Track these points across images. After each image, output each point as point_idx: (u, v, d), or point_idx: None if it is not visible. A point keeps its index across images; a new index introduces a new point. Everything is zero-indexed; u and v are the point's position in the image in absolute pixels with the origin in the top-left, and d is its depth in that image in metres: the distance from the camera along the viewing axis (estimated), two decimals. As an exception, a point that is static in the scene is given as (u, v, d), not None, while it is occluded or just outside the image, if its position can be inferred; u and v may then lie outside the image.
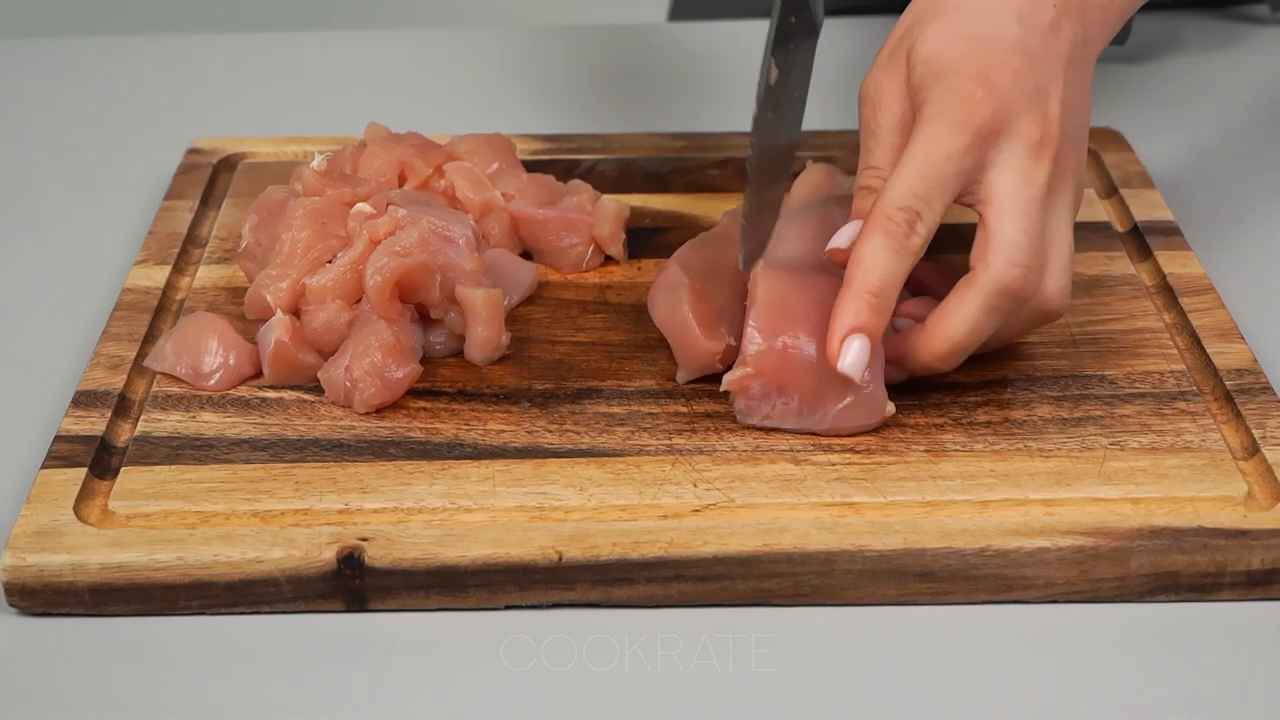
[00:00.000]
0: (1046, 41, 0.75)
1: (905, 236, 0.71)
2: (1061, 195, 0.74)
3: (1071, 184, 0.75)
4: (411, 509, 0.71)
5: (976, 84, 0.73)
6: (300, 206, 0.82)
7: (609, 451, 0.74)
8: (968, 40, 0.74)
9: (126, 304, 0.84)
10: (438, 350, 0.81)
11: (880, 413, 0.74)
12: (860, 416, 0.74)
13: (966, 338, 0.73)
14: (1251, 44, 1.15)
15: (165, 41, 1.22)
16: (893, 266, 0.72)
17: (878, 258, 0.71)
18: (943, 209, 0.72)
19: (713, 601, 0.69)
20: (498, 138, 0.92)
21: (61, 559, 0.68)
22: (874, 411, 0.74)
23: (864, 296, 0.71)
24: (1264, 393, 0.77)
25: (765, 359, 0.74)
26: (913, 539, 0.69)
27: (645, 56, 1.17)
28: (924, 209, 0.72)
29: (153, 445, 0.75)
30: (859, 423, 0.74)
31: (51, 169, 1.03)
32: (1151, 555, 0.69)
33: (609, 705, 0.66)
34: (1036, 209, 0.73)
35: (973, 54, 0.74)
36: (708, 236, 0.84)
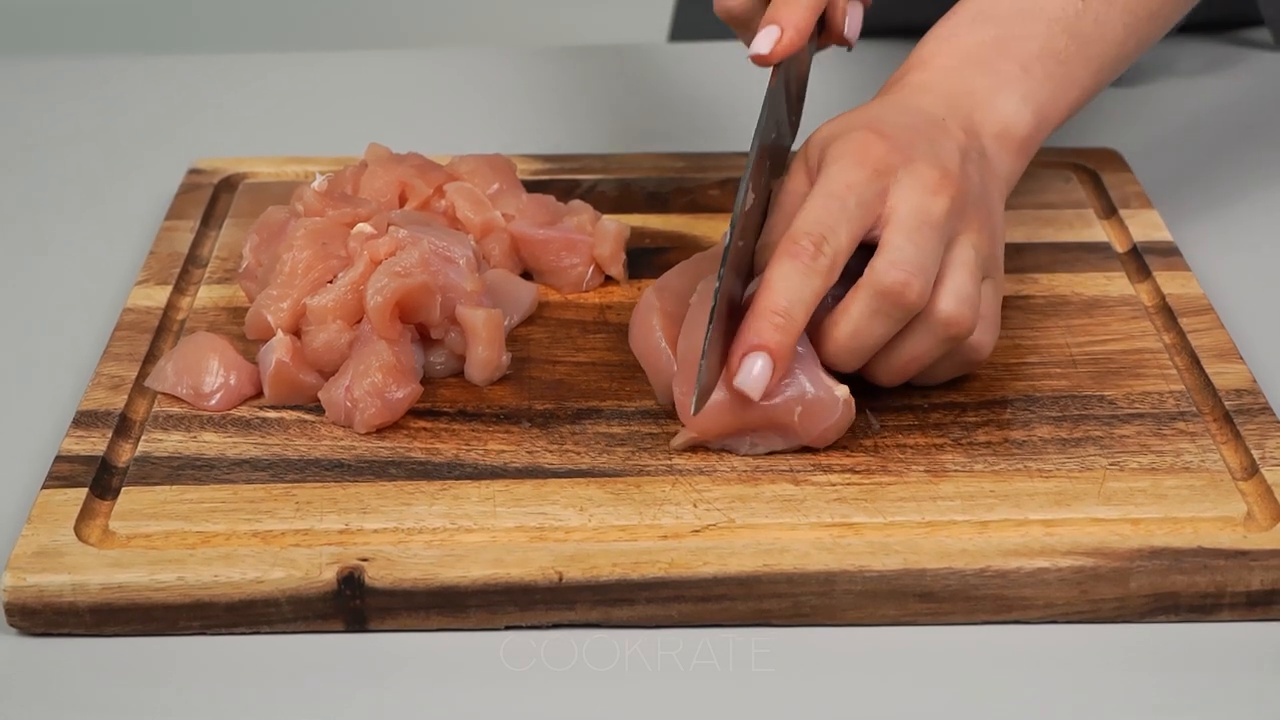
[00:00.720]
0: (935, 129, 0.78)
1: (812, 258, 0.72)
2: (965, 235, 0.76)
3: (977, 236, 0.76)
4: (412, 529, 0.71)
5: (870, 135, 0.76)
6: (301, 227, 0.83)
7: (609, 472, 0.74)
8: (859, 119, 0.78)
9: (128, 324, 0.85)
10: (438, 370, 0.81)
11: (835, 408, 0.74)
12: (820, 420, 0.74)
13: (850, 339, 0.74)
14: (1250, 67, 1.15)
15: (167, 61, 1.23)
16: (799, 287, 0.72)
17: (784, 280, 0.72)
18: (849, 237, 0.73)
19: (713, 622, 0.69)
20: (498, 158, 0.92)
21: (62, 579, 0.68)
22: (829, 409, 0.74)
23: (768, 316, 0.72)
24: (1263, 413, 0.77)
25: (700, 420, 0.74)
26: (913, 559, 0.69)
27: (646, 77, 1.17)
28: (829, 234, 0.73)
29: (153, 465, 0.75)
30: (822, 425, 0.74)
31: (53, 188, 1.03)
32: (1151, 576, 0.69)
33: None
34: (928, 230, 0.74)
35: (865, 122, 0.77)
36: (693, 260, 0.83)
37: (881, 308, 0.73)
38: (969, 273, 0.75)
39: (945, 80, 0.81)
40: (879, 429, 0.77)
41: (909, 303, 0.73)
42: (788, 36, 0.80)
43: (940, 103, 0.80)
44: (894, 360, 0.76)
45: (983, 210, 0.77)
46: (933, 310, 0.74)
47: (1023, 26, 0.82)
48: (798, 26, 0.80)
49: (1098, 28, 0.83)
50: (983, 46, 0.82)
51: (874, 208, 0.74)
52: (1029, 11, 0.83)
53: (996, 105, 0.81)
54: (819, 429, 0.74)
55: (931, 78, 0.82)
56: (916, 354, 0.75)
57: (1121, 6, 0.84)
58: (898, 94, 0.81)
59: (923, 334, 0.75)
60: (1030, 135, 0.82)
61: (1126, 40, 0.84)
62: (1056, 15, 0.83)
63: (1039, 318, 0.85)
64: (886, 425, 0.77)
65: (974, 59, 0.82)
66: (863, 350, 0.74)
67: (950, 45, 0.83)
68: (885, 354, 0.76)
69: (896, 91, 0.82)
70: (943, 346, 0.75)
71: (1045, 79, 0.82)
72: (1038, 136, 0.82)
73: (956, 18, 0.84)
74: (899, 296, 0.72)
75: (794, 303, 0.72)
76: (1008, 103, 0.81)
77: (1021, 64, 0.82)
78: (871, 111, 0.79)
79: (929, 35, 0.84)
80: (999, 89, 0.81)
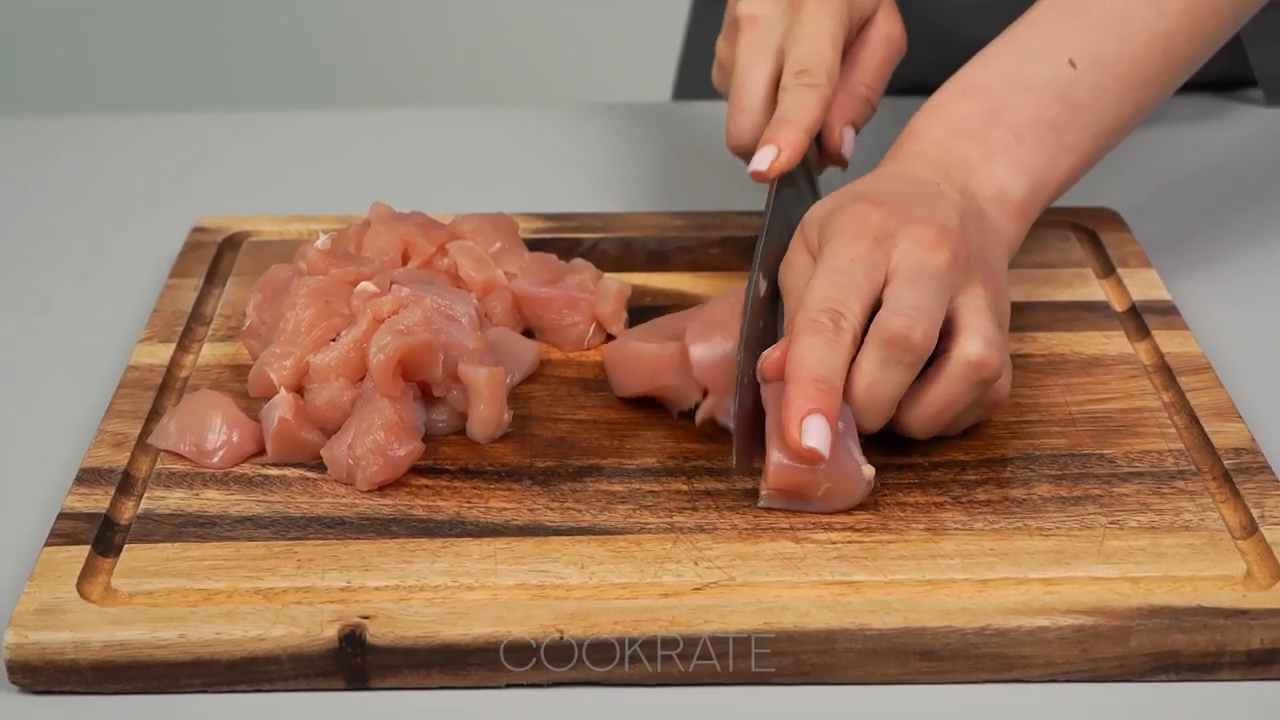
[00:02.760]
0: (931, 193, 0.80)
1: (834, 332, 0.74)
2: (971, 287, 0.77)
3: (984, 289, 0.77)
4: (413, 587, 0.71)
5: (865, 205, 0.78)
6: (304, 285, 0.83)
7: (610, 529, 0.75)
8: (852, 193, 0.80)
9: (131, 381, 0.85)
10: (440, 428, 0.81)
11: (860, 487, 0.75)
12: (844, 498, 0.75)
13: (867, 392, 0.74)
14: (1247, 124, 1.16)
15: (171, 120, 1.23)
16: (829, 357, 0.73)
17: (813, 353, 0.73)
18: (860, 310, 0.75)
19: (714, 680, 0.69)
20: (500, 217, 0.93)
21: (64, 637, 0.68)
22: (856, 487, 0.75)
23: (809, 383, 0.73)
24: (1262, 472, 0.78)
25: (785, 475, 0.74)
26: (913, 618, 0.69)
27: (648, 136, 1.18)
28: (843, 308, 0.74)
29: (156, 523, 0.75)
30: (844, 503, 0.75)
31: (58, 246, 1.04)
32: (1151, 634, 0.69)
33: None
34: (928, 279, 0.75)
35: (859, 196, 0.79)
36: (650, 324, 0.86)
37: (890, 355, 0.74)
38: (987, 317, 0.76)
39: (937, 150, 0.83)
40: (879, 487, 0.77)
41: (915, 345, 0.74)
42: (785, 156, 0.85)
43: (933, 170, 0.82)
44: (926, 409, 0.76)
45: (985, 265, 0.78)
46: (961, 356, 0.75)
47: (1013, 96, 0.84)
48: (793, 146, 0.85)
49: (1092, 95, 0.84)
50: (974, 117, 0.84)
51: (879, 275, 0.76)
52: (1020, 82, 0.84)
53: (990, 172, 0.82)
54: (841, 505, 0.75)
55: (924, 148, 0.83)
56: (949, 400, 0.76)
57: (1116, 75, 0.85)
58: (891, 165, 0.83)
59: (954, 380, 0.76)
60: (1028, 200, 0.83)
61: (1122, 108, 0.86)
62: (1048, 84, 0.84)
63: (1038, 376, 0.85)
64: (887, 483, 0.77)
65: (965, 130, 0.83)
66: (881, 403, 0.75)
67: (941, 117, 0.84)
68: (917, 404, 0.76)
69: (891, 163, 0.84)
70: (974, 390, 0.76)
71: (1039, 146, 0.83)
72: (1036, 201, 0.83)
73: (947, 91, 0.86)
74: (905, 340, 0.73)
75: (828, 370, 0.73)
76: (1001, 169, 0.82)
77: (1014, 132, 0.83)
78: (864, 184, 0.81)
79: (921, 110, 0.86)
80: (991, 156, 0.83)
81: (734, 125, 0.89)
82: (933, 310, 0.74)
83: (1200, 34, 0.87)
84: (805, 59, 0.87)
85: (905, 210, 0.77)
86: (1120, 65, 0.85)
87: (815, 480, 0.74)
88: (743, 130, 0.88)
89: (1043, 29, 0.86)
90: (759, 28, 0.89)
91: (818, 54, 0.87)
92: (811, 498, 0.75)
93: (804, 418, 0.72)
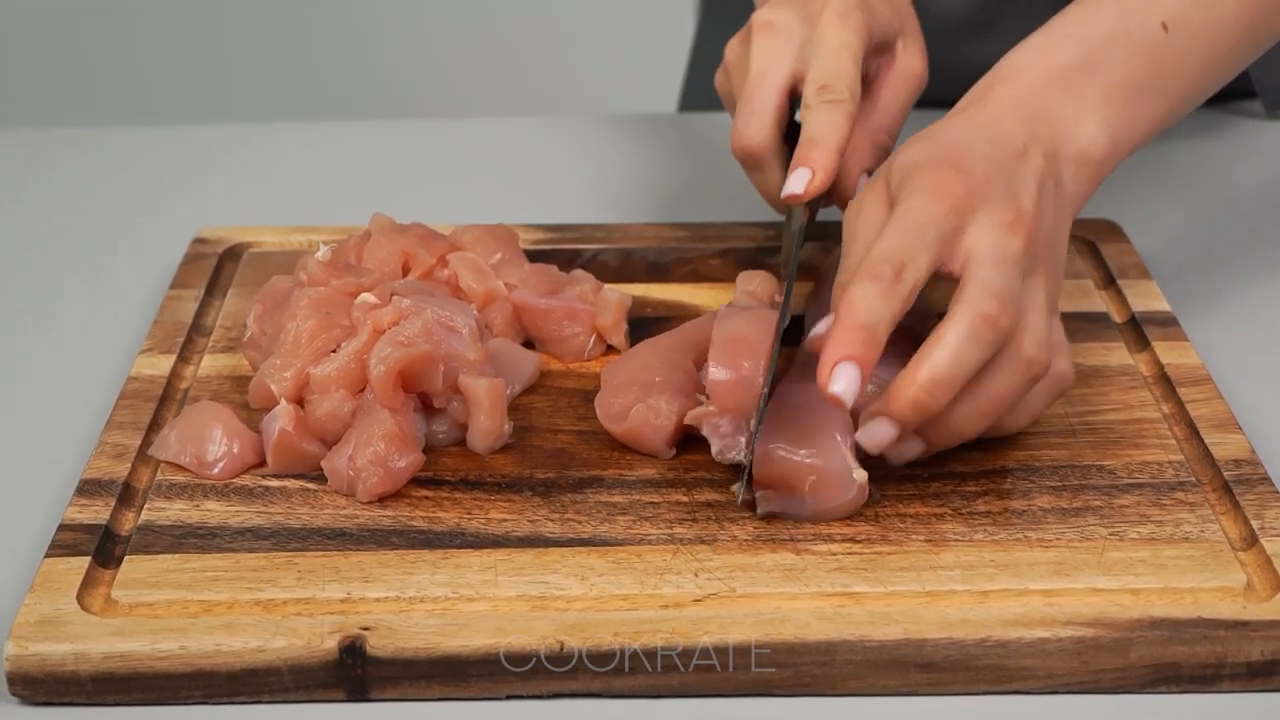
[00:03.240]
0: (1016, 159, 0.79)
1: (892, 283, 0.73)
2: (1035, 276, 0.76)
3: (1046, 278, 0.77)
4: (414, 598, 0.71)
5: (950, 169, 0.76)
6: (305, 296, 0.83)
7: (610, 541, 0.75)
8: (940, 149, 0.78)
9: (131, 392, 0.85)
10: (440, 439, 0.81)
11: (850, 488, 0.75)
12: (831, 495, 0.75)
13: (950, 366, 0.73)
14: (1246, 136, 1.16)
15: (171, 131, 1.23)
16: (879, 307, 0.72)
17: (866, 299, 0.72)
18: (927, 266, 0.74)
19: (714, 691, 0.69)
20: (501, 228, 0.93)
21: (64, 648, 0.68)
22: (844, 486, 0.75)
23: (852, 330, 0.72)
24: (1262, 483, 0.78)
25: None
26: (913, 629, 0.69)
27: (648, 147, 1.18)
28: (909, 261, 0.73)
29: (156, 534, 0.75)
30: (831, 501, 0.75)
31: (58, 257, 1.04)
32: (1151, 646, 0.69)
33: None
34: (1011, 263, 0.75)
35: (945, 155, 0.78)
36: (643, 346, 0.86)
37: (978, 332, 0.73)
38: (1043, 315, 0.76)
39: (1031, 98, 0.82)
40: (879, 498, 0.77)
41: (1003, 327, 0.73)
42: (819, 179, 0.84)
43: (1022, 123, 0.80)
44: (974, 403, 0.75)
45: (1051, 251, 0.78)
46: (1018, 350, 0.75)
47: (1109, 53, 0.83)
48: (826, 169, 0.84)
49: (1177, 62, 0.84)
50: (1070, 68, 0.83)
51: (951, 243, 0.75)
52: (1117, 37, 0.83)
53: (1078, 130, 0.81)
54: (828, 504, 0.75)
55: (1018, 94, 0.82)
56: (1002, 393, 0.76)
57: (1202, 43, 0.85)
58: (982, 110, 0.81)
59: (1009, 372, 0.75)
60: (1104, 161, 0.83)
61: (1201, 78, 0.86)
62: (1140, 45, 0.83)
63: (1038, 387, 0.85)
64: (886, 494, 0.77)
65: (1060, 79, 0.82)
66: (959, 377, 0.73)
67: (1039, 60, 0.83)
68: (971, 395, 0.75)
69: (981, 105, 0.82)
70: (1024, 386, 0.76)
71: (1124, 106, 0.83)
72: (1110, 163, 0.83)
73: (1048, 35, 0.84)
74: (995, 320, 0.73)
75: (877, 320, 0.72)
76: (1088, 127, 0.82)
77: (1104, 90, 0.82)
78: (955, 136, 0.79)
79: (1018, 49, 0.84)
80: (1082, 114, 0.82)
81: (743, 126, 0.88)
82: (1016, 297, 0.74)
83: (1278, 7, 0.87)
84: (826, 74, 0.86)
85: (988, 184, 0.76)
86: (1205, 34, 0.85)
87: (801, 471, 0.74)
88: (751, 132, 0.87)
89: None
90: (777, 34, 0.88)
91: (839, 69, 0.86)
92: (799, 489, 0.74)
93: (837, 363, 0.71)
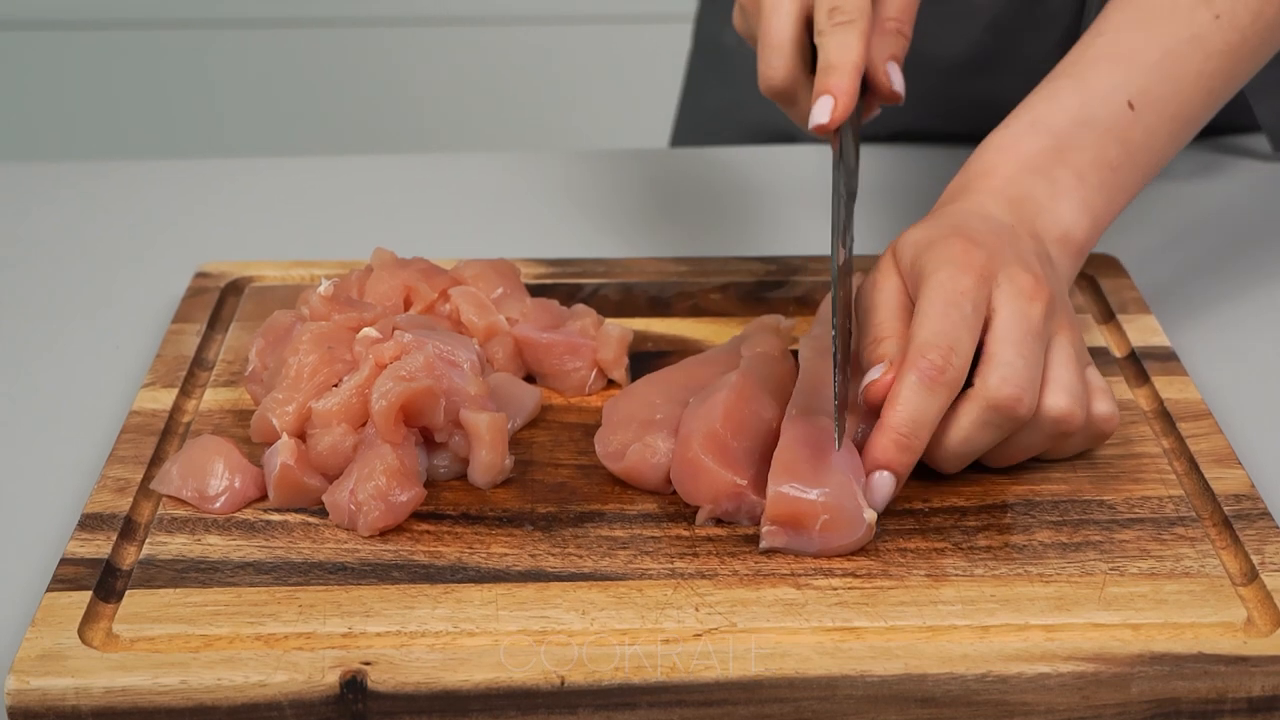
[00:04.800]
0: (1011, 234, 0.82)
1: (940, 372, 0.75)
2: (1059, 335, 0.80)
3: (1069, 333, 0.80)
4: (415, 633, 0.71)
5: (966, 241, 0.80)
6: (307, 331, 0.83)
7: (611, 575, 0.75)
8: (945, 226, 0.82)
9: (133, 426, 0.85)
10: (441, 473, 0.82)
11: (859, 528, 0.75)
12: (840, 535, 0.75)
13: (961, 446, 0.78)
14: (1247, 174, 1.17)
15: (173, 166, 1.24)
16: (925, 406, 0.76)
17: (910, 398, 0.76)
18: (970, 345, 0.77)
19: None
20: (502, 263, 0.93)
21: (65, 683, 0.68)
22: (854, 526, 0.75)
23: (892, 434, 0.76)
24: (1262, 518, 0.78)
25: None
26: (914, 664, 0.69)
27: (648, 182, 1.18)
28: (955, 344, 0.76)
29: (158, 568, 0.75)
30: (839, 540, 0.75)
31: (61, 291, 1.04)
32: (1152, 681, 0.69)
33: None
34: (1033, 339, 0.77)
35: (953, 230, 0.81)
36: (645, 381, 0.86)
37: (992, 420, 0.77)
38: (1072, 369, 0.79)
39: (1010, 187, 0.85)
40: (880, 533, 0.77)
41: (1019, 416, 0.77)
42: (842, 103, 0.84)
43: (1006, 208, 0.84)
44: (1008, 453, 0.80)
45: (1066, 308, 0.81)
46: (1045, 409, 0.78)
47: (1077, 136, 0.86)
48: (848, 92, 0.84)
49: (1146, 137, 0.87)
50: (1041, 154, 0.86)
51: (984, 312, 0.78)
52: (1084, 121, 0.86)
53: (1056, 212, 0.84)
54: (836, 543, 0.75)
55: (996, 184, 0.85)
56: (1029, 446, 0.80)
57: (1167, 116, 0.87)
58: (967, 200, 0.85)
59: (1033, 431, 0.79)
60: (1087, 239, 0.86)
61: (1169, 147, 0.89)
62: (1109, 126, 0.86)
63: (1038, 422, 0.85)
64: (887, 529, 0.77)
65: (1033, 167, 0.85)
66: (969, 457, 0.79)
67: (1011, 153, 0.86)
68: (999, 449, 0.79)
69: (965, 197, 0.85)
70: (1055, 440, 0.79)
71: (1100, 187, 0.86)
72: (1092, 240, 0.86)
73: (1014, 126, 0.87)
74: (1011, 411, 0.76)
75: (919, 423, 0.76)
76: (1065, 209, 0.85)
77: (1077, 172, 0.85)
78: (955, 218, 0.83)
79: (988, 144, 0.87)
80: (1058, 196, 0.85)
81: (766, 65, 0.87)
82: (1037, 378, 0.77)
83: (1236, 74, 0.90)
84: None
85: (1001, 252, 0.80)
86: (1170, 106, 0.88)
87: (814, 511, 0.74)
88: (775, 69, 0.87)
89: (1105, 68, 0.88)
90: None
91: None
92: (810, 530, 0.75)
93: (871, 471, 0.76)
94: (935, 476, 0.80)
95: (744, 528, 0.77)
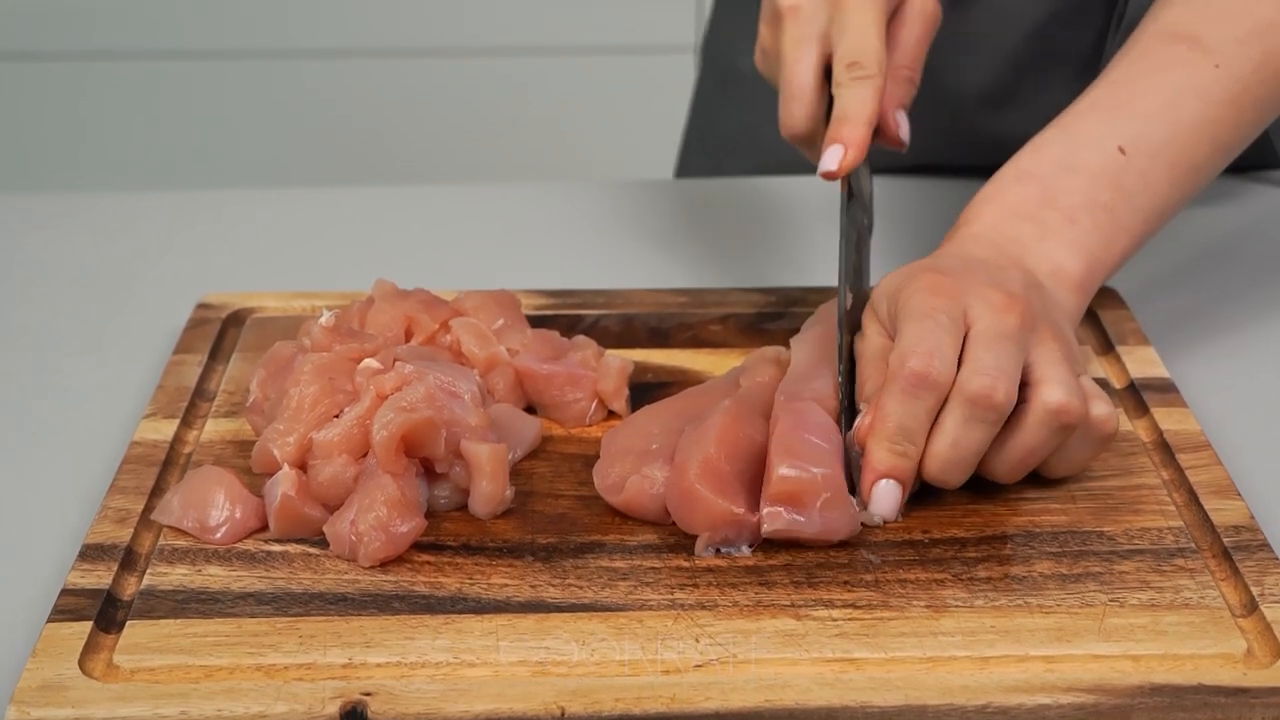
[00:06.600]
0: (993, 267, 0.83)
1: (921, 377, 0.77)
2: (1047, 342, 0.80)
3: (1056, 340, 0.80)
4: (415, 663, 0.71)
5: (935, 274, 0.81)
6: (308, 362, 0.83)
7: (612, 606, 0.75)
8: (918, 267, 0.83)
9: (134, 457, 0.85)
10: (442, 504, 0.82)
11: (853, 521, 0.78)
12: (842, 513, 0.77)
13: (951, 449, 0.78)
14: (1247, 206, 1.17)
15: (174, 197, 1.24)
16: (911, 409, 0.77)
17: (896, 406, 0.77)
18: (952, 352, 0.78)
19: (715, 758, 0.69)
20: (503, 294, 0.93)
21: (66, 713, 0.68)
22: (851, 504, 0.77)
23: (884, 443, 0.77)
24: (1261, 550, 0.78)
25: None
26: (914, 695, 0.69)
27: (649, 213, 1.18)
28: (936, 349, 0.77)
29: (158, 599, 0.75)
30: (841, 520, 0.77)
31: (62, 322, 1.05)
32: (1152, 713, 0.69)
33: None
34: (1004, 339, 0.78)
35: (925, 268, 0.83)
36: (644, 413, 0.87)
37: (973, 414, 0.77)
38: (1064, 366, 0.79)
39: (992, 232, 0.86)
40: (879, 563, 0.77)
41: (997, 404, 0.77)
42: (851, 154, 0.86)
43: (990, 251, 0.85)
44: (1011, 456, 0.80)
45: (1052, 323, 0.81)
46: (1042, 404, 0.78)
47: (1065, 181, 0.87)
48: (859, 144, 0.86)
49: (1142, 180, 0.87)
50: (1027, 201, 0.87)
51: (962, 325, 0.79)
52: (1071, 168, 0.87)
53: (1044, 249, 0.85)
54: (835, 523, 0.77)
55: (979, 231, 0.86)
56: (1032, 447, 0.79)
57: (1165, 161, 0.88)
58: (949, 247, 0.86)
59: (1036, 427, 0.79)
60: (1085, 276, 0.86)
61: (1171, 192, 0.89)
62: (1099, 170, 0.87)
63: (1038, 453, 0.85)
64: (887, 560, 0.77)
65: (1019, 212, 0.86)
66: (964, 460, 0.78)
67: (996, 202, 0.87)
68: (1002, 452, 0.80)
69: (948, 245, 0.86)
70: (1057, 437, 0.79)
71: (1093, 228, 0.86)
72: (1094, 277, 0.87)
73: (1001, 178, 0.88)
74: (987, 399, 0.77)
75: (908, 428, 0.77)
76: (1055, 247, 0.86)
77: (1066, 214, 0.86)
78: (928, 261, 0.84)
79: (975, 197, 0.88)
80: (1045, 235, 0.86)
81: (788, 114, 0.90)
82: (1011, 369, 0.78)
83: (1242, 123, 0.90)
84: (854, 51, 0.88)
85: (972, 278, 0.81)
86: (1168, 152, 0.88)
87: (815, 489, 0.76)
88: (796, 118, 0.90)
89: (1094, 117, 0.89)
90: (801, 19, 0.90)
91: (865, 45, 0.88)
92: (810, 508, 0.76)
93: (874, 481, 0.77)
94: (935, 506, 0.80)
95: (744, 558, 0.77)
